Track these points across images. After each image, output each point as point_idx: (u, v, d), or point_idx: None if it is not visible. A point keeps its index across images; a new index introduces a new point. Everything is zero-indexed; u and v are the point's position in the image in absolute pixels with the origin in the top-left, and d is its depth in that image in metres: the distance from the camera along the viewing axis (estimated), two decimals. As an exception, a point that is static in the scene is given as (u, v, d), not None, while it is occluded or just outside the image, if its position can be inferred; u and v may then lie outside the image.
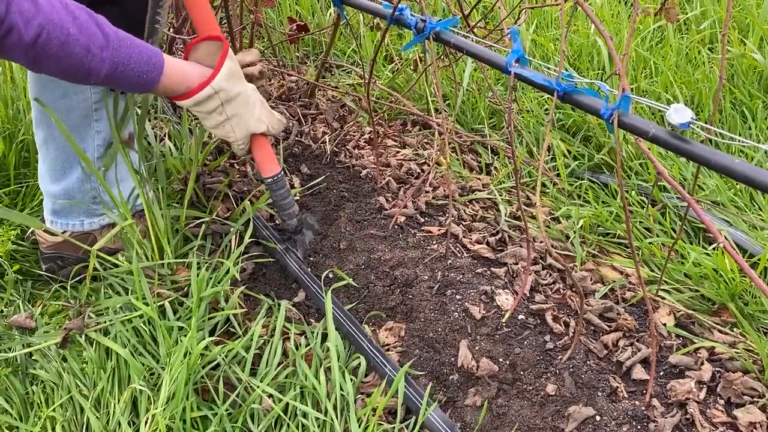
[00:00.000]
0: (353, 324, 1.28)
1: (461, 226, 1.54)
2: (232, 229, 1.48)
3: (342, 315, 1.30)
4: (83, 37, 1.02)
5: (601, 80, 0.99)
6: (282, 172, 1.43)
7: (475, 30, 1.58)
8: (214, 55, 1.24)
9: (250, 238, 1.44)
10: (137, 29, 1.22)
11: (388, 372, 1.17)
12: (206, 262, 1.40)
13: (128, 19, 1.18)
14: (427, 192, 1.67)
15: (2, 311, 1.42)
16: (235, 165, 1.79)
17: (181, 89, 1.19)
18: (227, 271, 1.35)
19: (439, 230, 1.52)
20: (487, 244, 1.48)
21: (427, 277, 1.36)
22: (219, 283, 1.33)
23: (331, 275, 1.41)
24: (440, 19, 1.21)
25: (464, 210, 1.62)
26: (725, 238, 0.97)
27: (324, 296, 1.32)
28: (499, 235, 1.50)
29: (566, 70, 1.03)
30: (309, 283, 1.38)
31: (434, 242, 1.47)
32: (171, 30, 2.04)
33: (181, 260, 1.41)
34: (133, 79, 1.11)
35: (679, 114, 0.86)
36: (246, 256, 1.46)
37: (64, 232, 1.43)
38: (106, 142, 1.39)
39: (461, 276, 1.35)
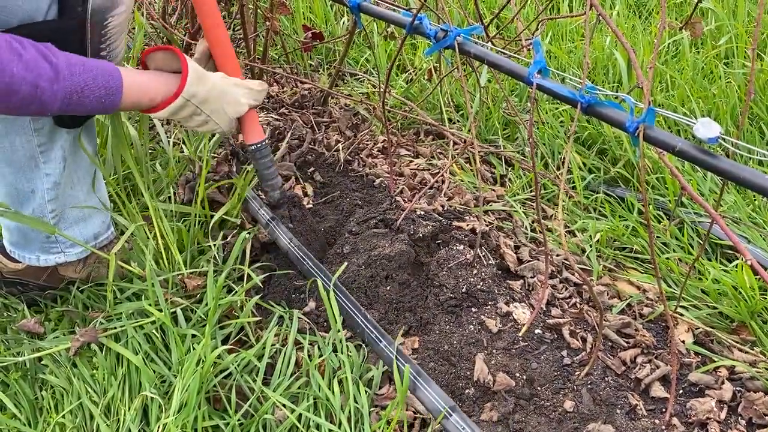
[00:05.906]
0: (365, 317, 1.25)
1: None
2: (248, 236, 1.46)
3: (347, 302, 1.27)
4: (30, 74, 0.99)
5: (617, 92, 0.98)
6: (266, 141, 1.43)
7: (493, 41, 1.57)
8: (172, 60, 1.23)
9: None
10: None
11: (398, 365, 1.15)
12: (220, 271, 1.38)
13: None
14: (441, 199, 1.65)
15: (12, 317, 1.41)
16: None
17: (144, 103, 1.19)
18: (242, 279, 1.34)
19: (467, 225, 1.49)
20: (515, 251, 1.46)
21: (451, 285, 1.34)
22: (236, 292, 1.32)
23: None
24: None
25: (484, 218, 1.61)
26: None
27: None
28: (520, 248, 1.48)
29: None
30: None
31: (461, 240, 1.45)
32: (186, 35, 2.04)
33: (194, 269, 1.39)
34: (91, 105, 1.09)
35: (706, 128, 0.84)
36: (257, 265, 1.45)
37: (22, 262, 1.40)
38: (56, 186, 1.28)
39: (477, 286, 1.33)
